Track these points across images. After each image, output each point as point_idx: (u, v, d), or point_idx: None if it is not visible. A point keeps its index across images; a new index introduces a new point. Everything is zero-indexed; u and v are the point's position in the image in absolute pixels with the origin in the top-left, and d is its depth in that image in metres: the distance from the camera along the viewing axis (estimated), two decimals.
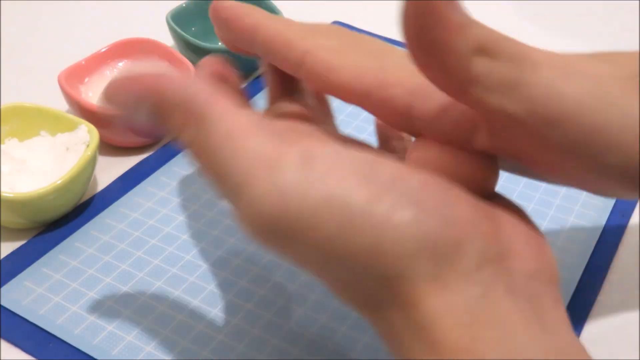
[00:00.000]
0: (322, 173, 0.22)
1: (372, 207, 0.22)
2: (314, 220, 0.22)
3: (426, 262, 0.22)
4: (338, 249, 0.22)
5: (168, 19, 0.52)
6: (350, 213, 0.22)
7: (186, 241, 0.39)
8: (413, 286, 0.22)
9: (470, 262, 0.22)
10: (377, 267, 0.22)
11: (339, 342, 0.34)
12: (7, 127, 0.43)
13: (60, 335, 0.34)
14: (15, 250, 0.39)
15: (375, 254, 0.22)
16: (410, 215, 0.22)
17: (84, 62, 0.47)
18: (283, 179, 0.22)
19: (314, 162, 0.22)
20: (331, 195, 0.22)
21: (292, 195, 0.22)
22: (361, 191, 0.22)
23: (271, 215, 0.22)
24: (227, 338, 0.34)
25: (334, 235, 0.22)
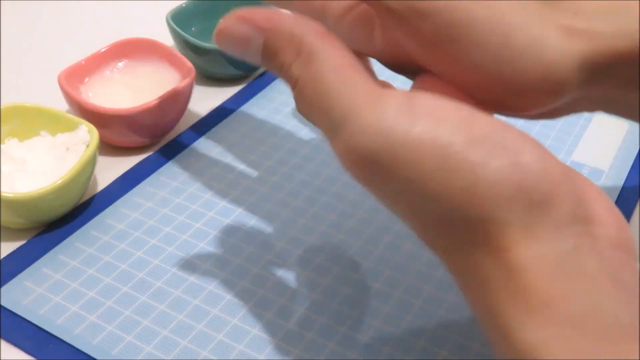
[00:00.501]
0: (424, 113, 0.23)
1: (471, 149, 0.22)
2: (413, 157, 0.22)
3: (520, 209, 0.22)
4: (434, 187, 0.23)
5: (168, 19, 0.52)
6: (449, 153, 0.22)
7: (186, 241, 0.39)
8: (506, 231, 0.22)
9: (563, 216, 0.23)
10: (471, 209, 0.22)
11: (339, 342, 0.34)
12: (7, 127, 0.43)
13: (60, 335, 0.34)
14: (15, 250, 0.39)
15: (471, 195, 0.22)
16: (508, 162, 0.22)
17: (84, 62, 0.47)
18: (387, 114, 0.23)
19: (416, 103, 0.23)
20: (432, 134, 0.22)
21: (395, 129, 0.23)
22: (461, 134, 0.23)
23: (372, 148, 0.23)
24: (227, 338, 0.34)
25: (432, 173, 0.22)
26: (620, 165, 0.45)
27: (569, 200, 0.23)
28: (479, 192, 0.22)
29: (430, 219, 0.24)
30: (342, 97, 0.24)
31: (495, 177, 0.22)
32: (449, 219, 0.23)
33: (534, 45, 0.24)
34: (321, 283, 0.37)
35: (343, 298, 0.36)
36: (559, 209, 0.23)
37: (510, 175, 0.22)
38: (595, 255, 0.23)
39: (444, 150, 0.22)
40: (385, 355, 0.33)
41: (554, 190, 0.23)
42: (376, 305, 0.36)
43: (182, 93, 0.45)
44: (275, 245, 0.39)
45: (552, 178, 0.23)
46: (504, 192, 0.22)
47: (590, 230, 0.23)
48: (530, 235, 0.22)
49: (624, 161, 0.45)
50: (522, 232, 0.22)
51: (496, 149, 0.23)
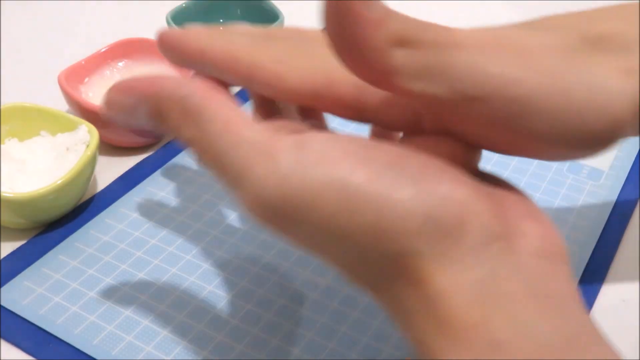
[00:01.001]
0: (319, 155, 0.23)
1: (371, 185, 0.22)
2: (314, 201, 0.22)
3: (430, 239, 0.22)
4: (340, 228, 0.22)
5: (168, 19, 0.52)
6: (350, 191, 0.22)
7: (186, 241, 0.39)
8: (420, 263, 0.22)
9: (476, 239, 0.22)
10: (381, 245, 0.22)
11: (339, 342, 0.34)
12: (7, 127, 0.43)
13: (60, 335, 0.34)
14: (15, 250, 0.39)
15: (378, 231, 0.22)
16: (411, 192, 0.22)
17: (84, 62, 0.47)
18: (280, 165, 0.23)
19: (309, 146, 0.23)
20: (328, 176, 0.22)
21: (291, 177, 0.22)
22: (360, 170, 0.22)
23: (272, 199, 0.23)
24: (227, 338, 0.34)
25: (335, 214, 0.22)
26: (620, 165, 0.45)
27: (481, 221, 0.22)
28: (386, 228, 0.22)
29: (345, 258, 0.24)
30: (233, 157, 0.23)
31: (399, 210, 0.22)
32: (363, 257, 0.23)
33: (596, 99, 0.23)
34: (321, 283, 0.37)
35: (343, 298, 0.36)
36: (471, 233, 0.22)
37: (414, 207, 0.22)
38: (516, 274, 0.22)
39: (342, 191, 0.22)
40: (386, 355, 0.33)
41: (462, 215, 0.22)
42: (376, 306, 0.36)
43: None
44: (275, 245, 0.39)
45: (459, 203, 0.22)
46: (410, 225, 0.22)
47: (510, 246, 0.23)
48: (446, 263, 0.22)
49: (624, 161, 0.45)
50: (436, 262, 0.22)
51: (397, 181, 0.22)
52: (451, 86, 0.23)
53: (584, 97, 0.23)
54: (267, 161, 0.23)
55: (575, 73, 0.23)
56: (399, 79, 0.23)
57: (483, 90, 0.23)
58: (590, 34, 0.25)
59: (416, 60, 0.23)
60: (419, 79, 0.23)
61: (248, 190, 0.23)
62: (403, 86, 0.23)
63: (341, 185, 0.22)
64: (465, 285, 0.22)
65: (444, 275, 0.22)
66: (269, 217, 0.23)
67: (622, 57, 0.24)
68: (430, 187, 0.22)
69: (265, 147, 0.23)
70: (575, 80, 0.23)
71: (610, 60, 0.24)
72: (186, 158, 0.45)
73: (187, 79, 0.26)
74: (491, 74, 0.22)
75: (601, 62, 0.24)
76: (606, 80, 0.23)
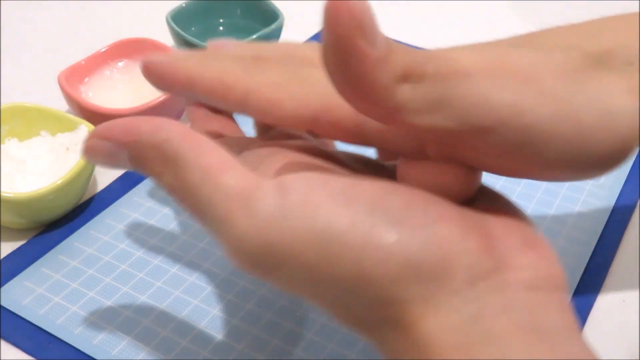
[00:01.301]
0: (298, 202, 0.22)
1: (350, 231, 0.22)
2: (292, 251, 0.22)
3: (412, 284, 0.22)
4: (322, 276, 0.22)
5: (168, 19, 0.52)
6: (328, 239, 0.22)
7: (186, 241, 0.39)
8: (403, 309, 0.22)
9: (461, 280, 0.22)
10: (363, 292, 0.22)
11: (339, 342, 0.34)
12: (7, 127, 0.43)
13: (60, 335, 0.34)
14: (15, 250, 0.39)
15: (359, 278, 0.22)
16: (391, 237, 0.22)
17: (84, 62, 0.47)
18: (259, 213, 0.22)
19: (289, 191, 0.23)
20: (308, 223, 0.22)
21: (269, 228, 0.22)
22: (338, 216, 0.22)
23: (251, 250, 0.23)
24: (226, 338, 0.34)
25: (316, 262, 0.22)
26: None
27: (467, 261, 0.22)
28: (366, 276, 0.22)
29: (330, 303, 0.24)
30: (213, 206, 0.23)
31: (379, 257, 0.22)
32: (348, 303, 0.23)
33: (606, 120, 0.22)
34: None
35: None
36: (456, 273, 0.22)
37: (394, 253, 0.22)
38: (504, 311, 0.22)
39: (322, 239, 0.22)
40: None
41: (446, 256, 0.22)
42: None
43: None
44: None
45: (441, 244, 0.22)
46: (391, 269, 0.22)
47: (500, 282, 0.22)
48: (430, 308, 0.22)
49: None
50: (420, 307, 0.22)
51: (378, 225, 0.22)
52: (459, 118, 0.22)
53: (593, 121, 0.22)
54: (245, 211, 0.23)
55: (582, 96, 0.23)
56: (405, 115, 0.22)
57: (491, 120, 0.22)
58: (592, 51, 0.24)
59: (422, 95, 0.22)
60: (425, 114, 0.22)
61: (228, 240, 0.23)
62: (409, 122, 0.22)
63: (320, 233, 0.22)
64: (450, 328, 0.22)
65: (428, 319, 0.22)
66: (251, 266, 0.23)
67: (625, 74, 0.24)
68: (412, 230, 0.22)
69: (244, 195, 0.23)
70: (583, 104, 0.22)
71: (614, 79, 0.23)
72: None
73: (165, 121, 0.25)
74: (499, 103, 0.22)
75: (606, 82, 0.23)
76: (613, 102, 0.23)
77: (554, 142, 0.22)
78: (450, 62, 0.22)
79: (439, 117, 0.22)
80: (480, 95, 0.22)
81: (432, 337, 0.22)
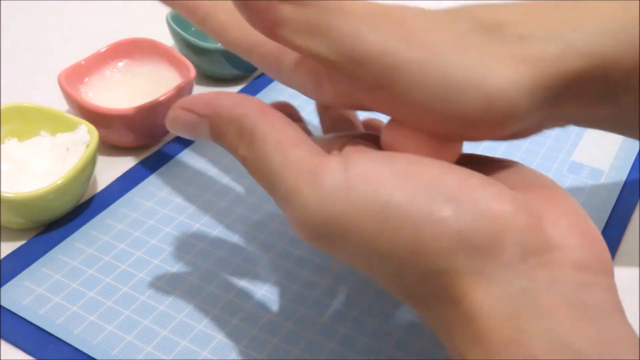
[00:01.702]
0: (361, 176, 0.24)
1: (410, 204, 0.23)
2: (355, 222, 0.23)
3: (466, 257, 0.23)
4: (381, 248, 0.23)
5: (168, 19, 0.52)
6: (388, 212, 0.23)
7: (186, 241, 0.39)
8: (456, 280, 0.23)
9: (512, 255, 0.23)
10: (420, 264, 0.23)
11: (339, 342, 0.34)
12: (7, 127, 0.43)
13: (60, 335, 0.34)
14: (15, 250, 0.39)
15: (416, 251, 0.23)
16: (447, 211, 0.23)
17: (84, 62, 0.47)
18: (325, 186, 0.24)
19: (353, 167, 0.24)
20: (370, 196, 0.23)
21: (334, 200, 0.24)
22: (400, 191, 0.23)
23: (316, 220, 0.24)
24: (227, 338, 0.34)
25: (375, 234, 0.23)
26: (620, 165, 0.45)
27: (517, 237, 0.23)
28: (423, 247, 0.23)
29: (387, 275, 0.25)
30: (283, 177, 0.25)
31: (436, 230, 0.23)
32: (404, 275, 0.24)
33: (473, 80, 0.24)
34: (321, 283, 0.37)
35: (343, 298, 0.36)
36: (506, 249, 0.23)
37: (450, 225, 0.23)
38: (552, 287, 0.23)
39: (383, 212, 0.23)
40: (385, 355, 0.33)
41: (497, 230, 0.23)
42: (376, 305, 0.36)
43: (182, 93, 0.45)
44: (274, 245, 0.39)
45: (494, 220, 0.23)
46: (446, 242, 0.23)
47: (548, 260, 0.23)
48: (482, 280, 0.23)
49: (624, 161, 0.45)
50: (472, 279, 0.23)
51: (436, 200, 0.23)
52: (331, 47, 0.24)
53: (458, 76, 0.24)
54: (312, 182, 0.24)
55: (456, 54, 0.24)
56: (284, 30, 0.25)
57: (359, 54, 0.24)
58: (485, 21, 0.25)
59: (301, 17, 0.24)
60: (302, 35, 0.25)
61: (294, 211, 0.24)
62: (287, 38, 0.25)
63: (382, 206, 0.23)
64: (500, 301, 0.22)
65: (479, 291, 0.23)
66: (314, 237, 0.25)
67: (516, 45, 0.25)
68: (467, 205, 0.23)
69: (311, 168, 0.24)
70: (453, 60, 0.24)
71: (497, 47, 0.25)
72: (186, 158, 0.45)
73: (244, 97, 0.27)
74: (368, 41, 0.24)
75: (487, 49, 0.25)
76: (486, 65, 0.24)
77: (418, 87, 0.24)
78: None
79: (314, 42, 0.25)
80: (354, 31, 0.24)
81: (482, 308, 0.22)
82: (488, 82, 0.24)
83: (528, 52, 0.24)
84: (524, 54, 0.24)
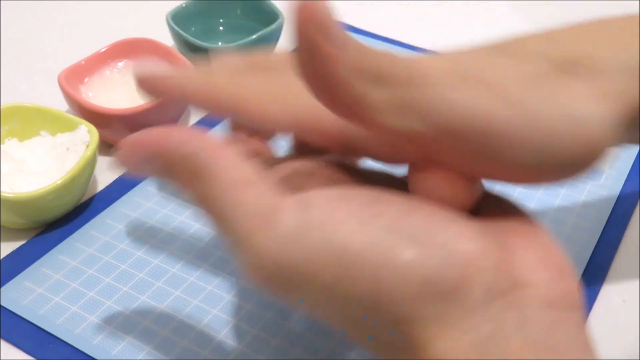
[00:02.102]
0: (318, 220, 0.22)
1: (368, 249, 0.22)
2: (312, 268, 0.22)
3: (430, 304, 0.22)
4: (339, 295, 0.22)
5: (168, 19, 0.52)
6: (346, 258, 0.22)
7: (186, 241, 0.39)
8: (419, 328, 0.22)
9: (478, 299, 0.22)
10: (380, 312, 0.22)
11: (338, 342, 0.34)
12: (7, 127, 0.43)
13: (60, 335, 0.34)
14: (15, 250, 0.39)
15: (375, 299, 0.22)
16: (409, 256, 0.22)
17: (84, 62, 0.47)
18: (279, 231, 0.22)
19: (309, 209, 0.23)
20: (327, 241, 0.22)
21: (288, 246, 0.22)
22: (357, 234, 0.22)
23: (269, 268, 0.23)
24: (226, 338, 0.34)
25: (333, 281, 0.22)
26: (620, 165, 0.45)
27: (484, 278, 0.22)
28: (384, 294, 0.22)
29: (348, 323, 0.24)
30: (234, 220, 0.23)
31: (397, 275, 0.22)
32: (363, 323, 0.23)
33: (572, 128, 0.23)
34: None
35: None
36: (473, 292, 0.22)
37: (412, 271, 0.22)
38: (519, 330, 0.22)
39: (342, 257, 0.22)
40: None
41: (463, 274, 0.22)
42: None
43: None
44: None
45: (460, 263, 0.22)
46: (408, 289, 0.22)
47: (517, 300, 0.22)
48: (446, 328, 0.22)
49: (624, 161, 0.45)
50: (437, 326, 0.22)
51: (398, 243, 0.22)
52: (425, 121, 0.22)
53: (555, 126, 0.23)
54: (266, 226, 0.23)
55: (545, 101, 0.23)
56: (376, 116, 0.23)
57: (455, 124, 0.22)
58: (558, 59, 0.24)
59: (391, 97, 0.22)
60: (395, 116, 0.23)
61: (247, 256, 0.23)
62: (381, 123, 0.23)
63: (339, 252, 0.22)
64: (464, 349, 0.22)
65: (444, 339, 0.22)
66: (268, 283, 0.23)
67: (592, 82, 0.24)
68: (430, 248, 0.22)
69: (266, 211, 0.23)
70: (545, 108, 0.23)
71: (579, 86, 0.24)
72: None
73: (196, 134, 0.25)
74: (462, 107, 0.22)
75: (572, 89, 0.24)
76: (577, 107, 0.23)
77: (518, 146, 0.23)
78: (417, 65, 0.23)
79: (408, 120, 0.23)
80: (444, 100, 0.22)
81: (446, 357, 0.22)
82: (584, 127, 0.23)
83: (608, 88, 0.24)
84: (605, 89, 0.24)
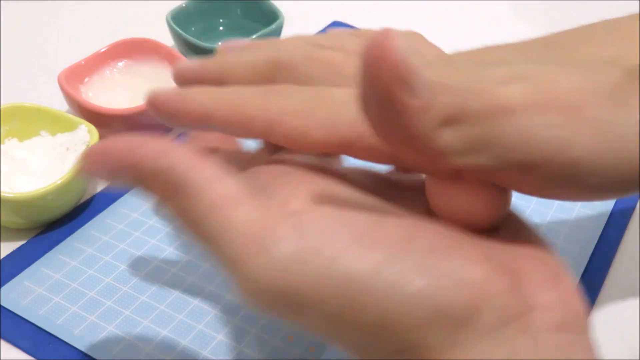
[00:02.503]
0: (317, 246, 0.21)
1: (375, 278, 0.21)
2: (314, 297, 0.21)
3: (441, 331, 0.21)
4: (344, 323, 0.21)
5: (168, 19, 0.52)
6: (352, 286, 0.21)
7: (186, 241, 0.39)
8: (433, 354, 0.21)
9: (490, 324, 0.21)
10: (389, 338, 0.21)
11: None
12: (7, 127, 0.43)
13: (60, 335, 0.34)
14: (15, 250, 0.39)
15: (384, 326, 0.21)
16: (418, 286, 0.21)
17: (84, 62, 0.47)
18: (276, 256, 0.21)
19: (307, 233, 0.21)
20: (329, 269, 0.21)
21: (288, 271, 0.21)
22: (361, 262, 0.21)
23: (269, 293, 0.21)
24: (227, 338, 0.34)
25: (338, 310, 0.21)
26: None
27: (497, 304, 0.21)
28: (394, 322, 0.21)
29: (352, 347, 0.22)
30: (223, 242, 0.22)
31: (407, 304, 0.20)
32: (372, 348, 0.22)
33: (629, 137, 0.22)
34: None
35: None
36: (485, 318, 0.21)
37: (423, 299, 0.20)
38: (532, 355, 0.21)
39: (345, 286, 0.21)
40: None
41: (475, 300, 0.21)
42: None
43: None
44: None
45: (472, 287, 0.21)
46: (419, 318, 0.21)
47: (528, 324, 0.22)
48: (458, 353, 0.21)
49: None
50: (449, 353, 0.21)
51: (405, 269, 0.21)
52: (502, 157, 0.21)
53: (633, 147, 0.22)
54: (261, 252, 0.21)
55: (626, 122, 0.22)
56: (447, 158, 0.22)
57: (535, 157, 0.21)
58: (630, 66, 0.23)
59: (464, 137, 0.21)
60: (467, 154, 0.21)
61: (242, 280, 0.21)
62: (452, 164, 0.22)
63: (343, 280, 0.21)
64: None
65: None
66: (266, 307, 0.22)
67: None
68: (440, 275, 0.21)
69: (259, 233, 0.21)
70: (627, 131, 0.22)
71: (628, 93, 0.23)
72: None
73: (171, 144, 0.23)
74: (542, 140, 0.21)
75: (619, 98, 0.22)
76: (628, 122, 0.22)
77: (600, 173, 0.22)
78: (491, 97, 0.21)
79: (482, 157, 0.21)
80: (523, 133, 0.21)
81: None
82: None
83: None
84: None
